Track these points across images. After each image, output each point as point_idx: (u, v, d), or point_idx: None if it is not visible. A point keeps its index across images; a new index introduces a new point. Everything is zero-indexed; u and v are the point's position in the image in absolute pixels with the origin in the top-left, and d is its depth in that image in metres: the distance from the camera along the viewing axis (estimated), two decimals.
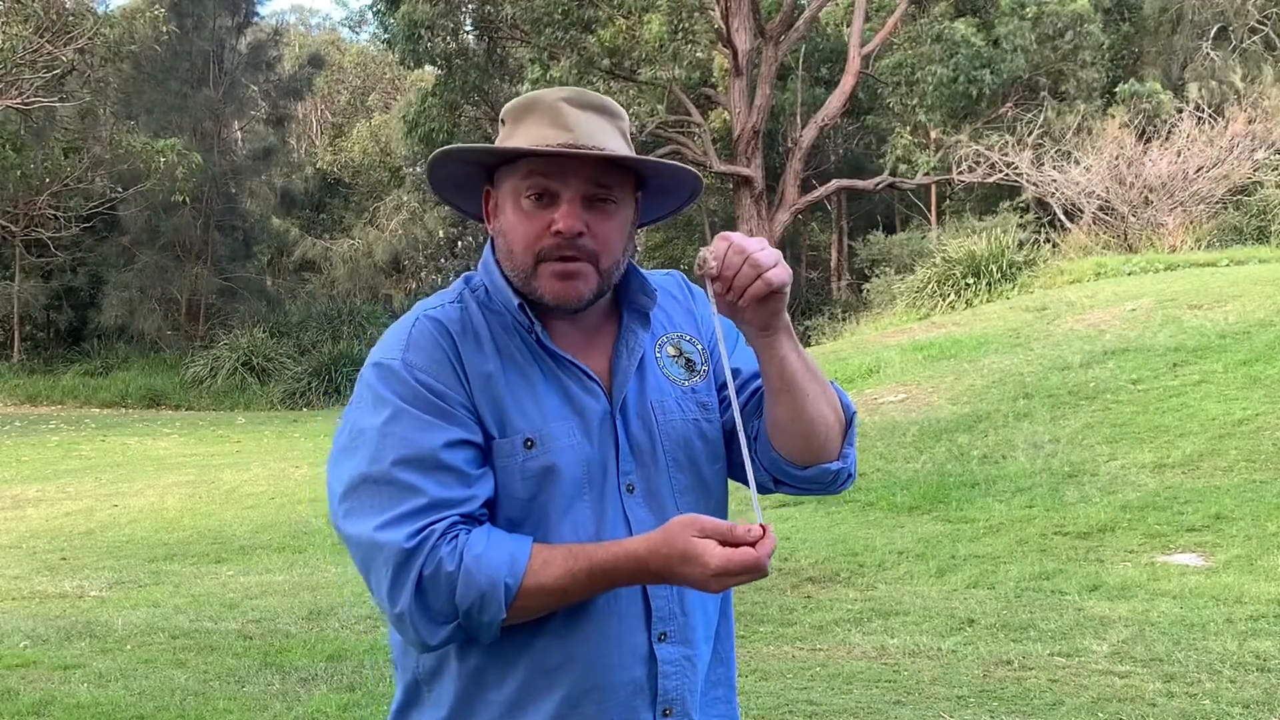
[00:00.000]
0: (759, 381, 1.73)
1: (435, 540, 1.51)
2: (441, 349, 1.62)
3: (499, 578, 1.50)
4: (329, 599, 6.88)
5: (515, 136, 1.65)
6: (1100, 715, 4.43)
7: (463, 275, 1.76)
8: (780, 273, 1.55)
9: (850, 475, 1.76)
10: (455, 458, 1.56)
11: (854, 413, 1.75)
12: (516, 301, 1.65)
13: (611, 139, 1.64)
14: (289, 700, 4.97)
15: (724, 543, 1.47)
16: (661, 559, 1.50)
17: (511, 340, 1.66)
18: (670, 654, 1.66)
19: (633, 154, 1.66)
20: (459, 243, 29.10)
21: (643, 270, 1.75)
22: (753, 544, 1.47)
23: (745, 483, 1.76)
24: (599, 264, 1.63)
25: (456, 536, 1.52)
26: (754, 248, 1.54)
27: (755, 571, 1.47)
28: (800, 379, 1.64)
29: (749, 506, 1.60)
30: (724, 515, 1.80)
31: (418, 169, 27.39)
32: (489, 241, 1.76)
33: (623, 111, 1.70)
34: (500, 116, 1.71)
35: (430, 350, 1.61)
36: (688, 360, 1.75)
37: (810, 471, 1.71)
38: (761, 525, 1.49)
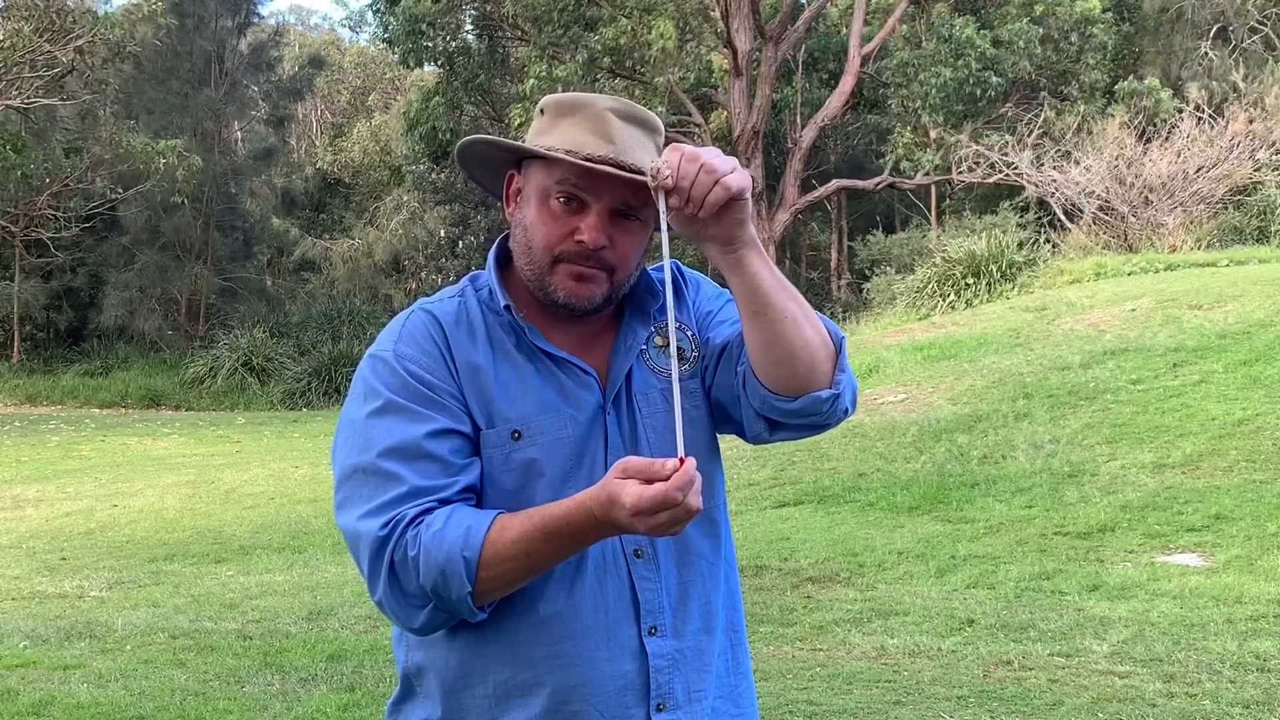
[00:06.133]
0: (735, 330, 1.70)
1: (404, 526, 1.52)
2: (433, 340, 1.64)
3: (455, 552, 1.49)
4: (329, 599, 6.88)
5: (554, 133, 1.64)
6: (1100, 715, 4.43)
7: (470, 275, 1.77)
8: (739, 178, 1.51)
9: (846, 409, 1.69)
10: (439, 447, 1.57)
11: (842, 338, 1.69)
12: (504, 303, 1.66)
13: (649, 155, 1.63)
14: (289, 700, 4.97)
15: (648, 481, 1.40)
16: (600, 506, 1.45)
17: (508, 338, 1.67)
18: (661, 648, 1.64)
19: None
20: (459, 243, 29.06)
21: (648, 269, 1.75)
22: (666, 479, 1.39)
23: (736, 433, 1.77)
24: (614, 275, 1.65)
25: (422, 521, 1.52)
26: (708, 155, 1.51)
27: (668, 505, 1.39)
28: (775, 297, 1.59)
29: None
30: (721, 498, 1.79)
31: (419, 167, 27.34)
32: (498, 241, 1.76)
33: (661, 125, 1.70)
34: (540, 106, 1.70)
35: (421, 342, 1.63)
36: (677, 349, 1.74)
37: (800, 402, 1.63)
38: (681, 458, 1.40)
